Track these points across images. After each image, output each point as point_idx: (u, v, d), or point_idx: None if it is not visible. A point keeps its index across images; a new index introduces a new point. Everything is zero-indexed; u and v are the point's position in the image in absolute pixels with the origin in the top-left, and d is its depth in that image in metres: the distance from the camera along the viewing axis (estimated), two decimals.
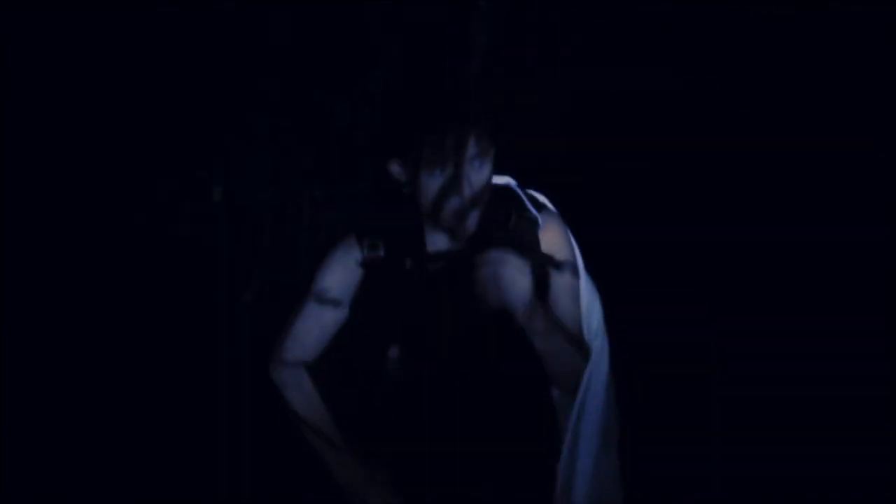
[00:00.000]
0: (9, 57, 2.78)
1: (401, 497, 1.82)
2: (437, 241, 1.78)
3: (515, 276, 1.61)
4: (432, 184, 1.67)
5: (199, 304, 2.88)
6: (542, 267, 1.75)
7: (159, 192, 2.91)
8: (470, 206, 1.68)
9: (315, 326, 1.86)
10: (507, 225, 1.78)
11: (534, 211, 1.80)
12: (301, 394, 1.87)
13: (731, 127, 2.87)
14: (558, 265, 1.78)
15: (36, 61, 2.81)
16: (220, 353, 2.81)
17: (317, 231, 2.95)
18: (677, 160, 2.88)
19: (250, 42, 2.88)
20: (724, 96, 2.90)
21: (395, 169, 1.74)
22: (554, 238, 1.80)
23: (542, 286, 1.75)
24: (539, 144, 2.81)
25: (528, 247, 1.75)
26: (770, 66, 2.87)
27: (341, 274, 1.83)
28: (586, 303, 1.81)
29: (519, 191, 1.84)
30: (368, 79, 2.85)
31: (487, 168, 1.70)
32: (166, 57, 2.85)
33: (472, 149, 1.66)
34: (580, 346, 1.76)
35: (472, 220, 1.70)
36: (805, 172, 2.80)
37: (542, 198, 1.86)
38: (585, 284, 1.85)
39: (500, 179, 1.85)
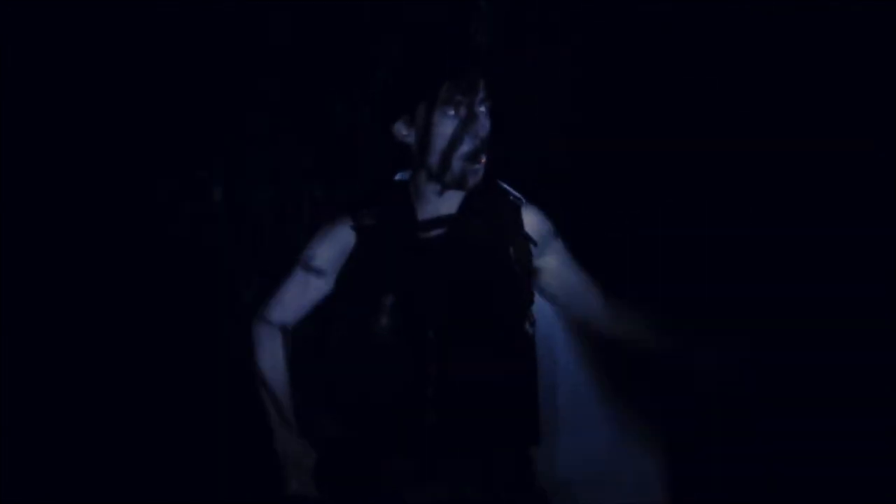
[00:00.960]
0: (9, 57, 2.78)
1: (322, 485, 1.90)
2: (427, 211, 1.84)
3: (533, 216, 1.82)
4: (446, 127, 1.77)
5: (199, 304, 2.89)
6: (526, 241, 1.84)
7: (159, 192, 2.91)
8: (481, 148, 1.77)
9: (299, 293, 1.94)
10: (492, 201, 1.86)
11: (516, 193, 1.89)
12: (271, 355, 1.95)
13: (731, 127, 2.87)
14: (544, 237, 1.87)
15: (36, 61, 2.81)
16: (220, 353, 2.81)
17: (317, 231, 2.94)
18: (677, 160, 2.88)
19: (250, 42, 2.89)
20: (724, 96, 2.90)
21: (400, 129, 1.82)
22: (535, 217, 1.90)
23: (526, 260, 1.84)
24: (539, 144, 2.81)
25: (511, 221, 1.85)
26: (770, 66, 2.86)
27: (329, 243, 1.91)
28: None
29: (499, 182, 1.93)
30: (368, 79, 2.86)
31: (489, 118, 1.80)
32: (166, 57, 2.85)
33: (481, 92, 1.77)
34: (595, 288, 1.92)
35: (481, 166, 1.79)
36: (805, 172, 2.80)
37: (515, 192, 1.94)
38: None
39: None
